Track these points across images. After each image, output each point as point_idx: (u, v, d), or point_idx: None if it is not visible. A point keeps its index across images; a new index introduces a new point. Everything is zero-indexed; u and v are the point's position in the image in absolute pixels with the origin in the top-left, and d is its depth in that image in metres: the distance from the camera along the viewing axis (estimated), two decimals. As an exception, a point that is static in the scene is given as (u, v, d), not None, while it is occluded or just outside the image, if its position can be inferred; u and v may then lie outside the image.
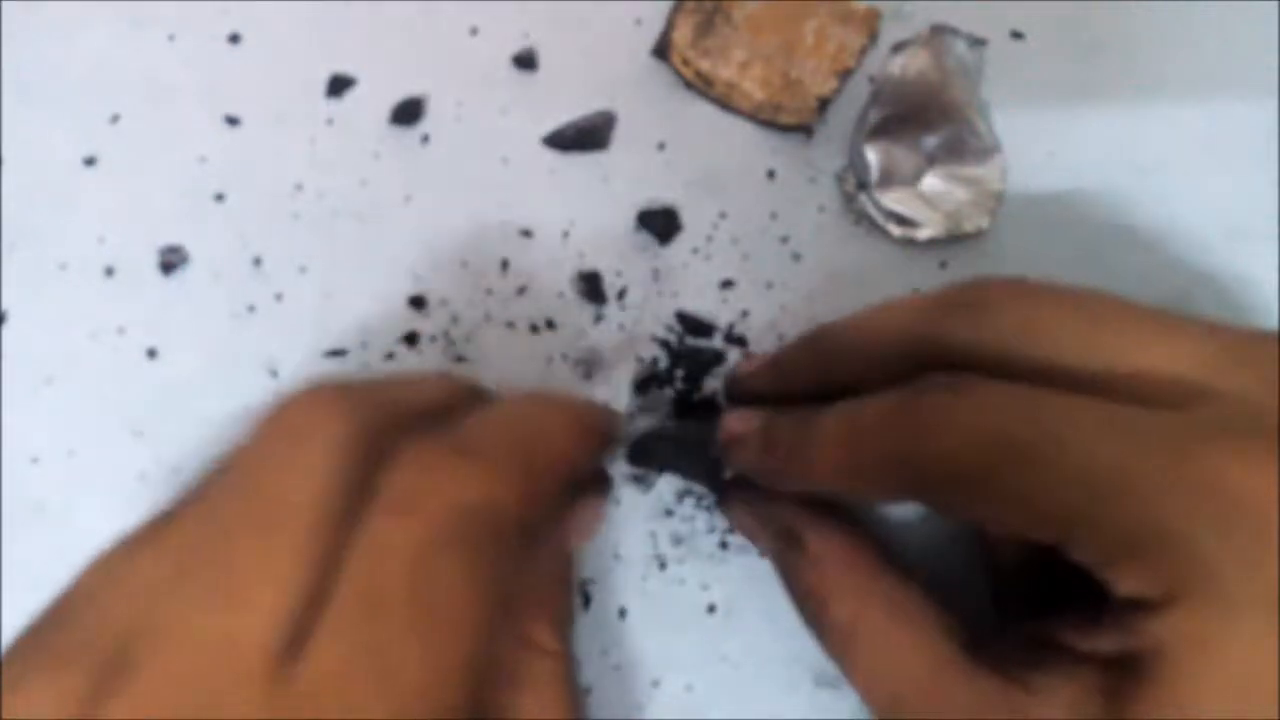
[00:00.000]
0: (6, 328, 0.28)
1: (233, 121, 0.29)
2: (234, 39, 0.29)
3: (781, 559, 0.24)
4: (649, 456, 0.27)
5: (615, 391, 0.27)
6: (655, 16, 0.29)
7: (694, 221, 0.28)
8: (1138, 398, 0.18)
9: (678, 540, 0.27)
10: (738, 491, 0.26)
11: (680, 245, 0.28)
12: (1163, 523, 0.17)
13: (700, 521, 0.27)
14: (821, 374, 0.23)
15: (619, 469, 0.27)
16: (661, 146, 0.29)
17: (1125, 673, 0.17)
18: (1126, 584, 0.17)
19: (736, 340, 0.28)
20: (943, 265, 0.28)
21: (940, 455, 0.19)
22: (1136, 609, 0.17)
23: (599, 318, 0.28)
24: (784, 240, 0.28)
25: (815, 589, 0.23)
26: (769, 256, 0.28)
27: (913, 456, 0.19)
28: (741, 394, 0.26)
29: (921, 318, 0.21)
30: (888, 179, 0.28)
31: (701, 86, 0.28)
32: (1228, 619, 0.17)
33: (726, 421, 0.25)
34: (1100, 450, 0.17)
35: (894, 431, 0.20)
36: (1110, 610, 0.18)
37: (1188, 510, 0.17)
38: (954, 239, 0.28)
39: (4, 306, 0.28)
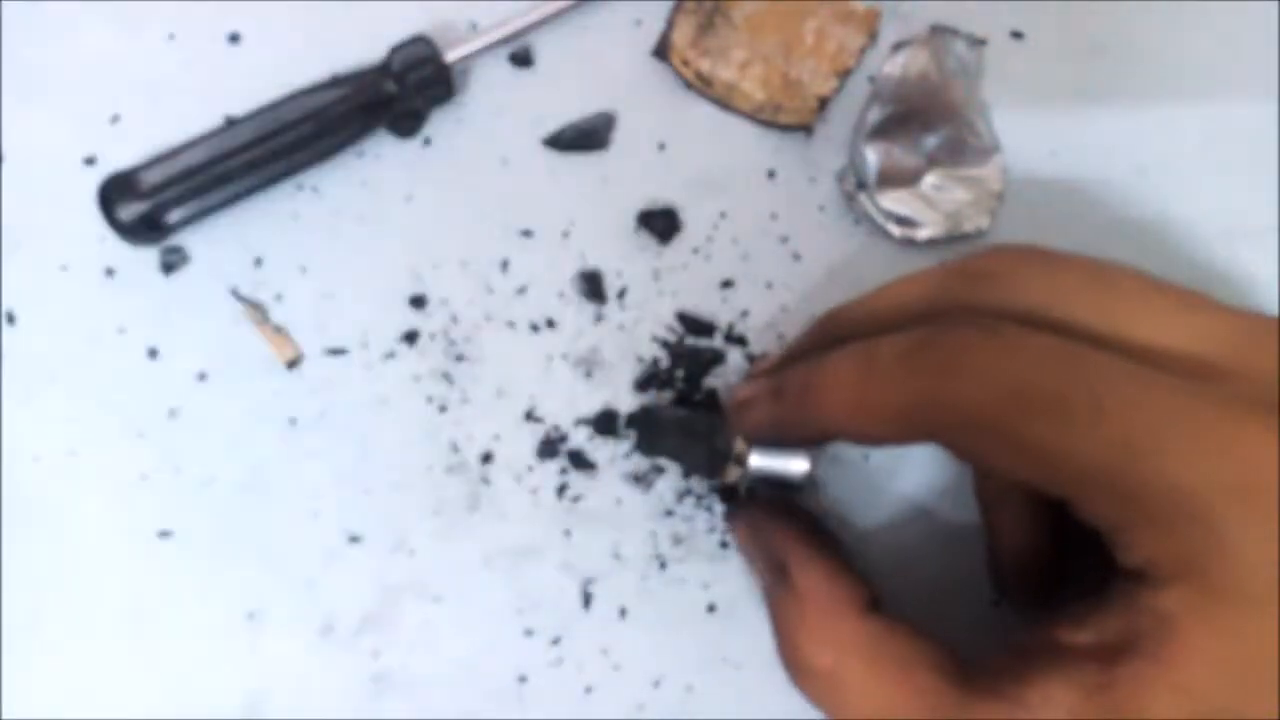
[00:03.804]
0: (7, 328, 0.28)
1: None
2: (234, 39, 0.29)
3: (768, 593, 0.23)
4: (653, 444, 0.27)
5: (615, 391, 0.28)
6: (655, 16, 0.29)
7: (694, 221, 0.28)
8: (1163, 368, 0.18)
9: (678, 540, 0.27)
10: (745, 510, 0.25)
11: (680, 245, 0.28)
12: (1187, 489, 0.16)
13: (700, 521, 0.27)
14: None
15: (619, 467, 0.27)
16: (661, 146, 0.29)
17: (1121, 656, 0.17)
18: (1140, 550, 0.17)
19: (736, 340, 0.28)
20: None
21: (963, 395, 0.18)
22: (1144, 582, 0.17)
23: (599, 318, 0.28)
24: (784, 240, 0.28)
25: (794, 632, 0.22)
26: (769, 256, 0.28)
27: (933, 396, 0.19)
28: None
29: (942, 285, 0.21)
30: (888, 179, 0.28)
31: (701, 87, 0.28)
32: (1243, 595, 0.16)
33: (736, 390, 0.24)
34: (1134, 409, 0.17)
35: (914, 368, 0.19)
36: (1115, 585, 0.17)
37: (1214, 480, 0.16)
38: (954, 239, 0.28)
39: (6, 307, 0.28)
